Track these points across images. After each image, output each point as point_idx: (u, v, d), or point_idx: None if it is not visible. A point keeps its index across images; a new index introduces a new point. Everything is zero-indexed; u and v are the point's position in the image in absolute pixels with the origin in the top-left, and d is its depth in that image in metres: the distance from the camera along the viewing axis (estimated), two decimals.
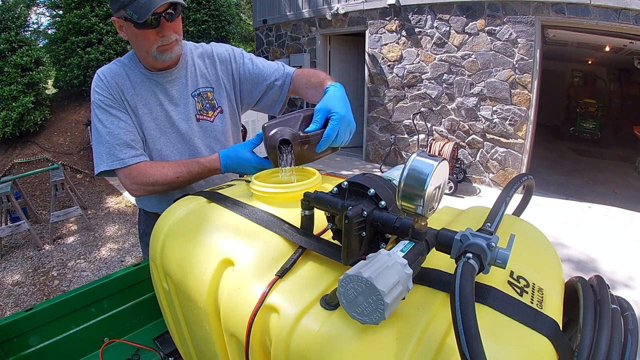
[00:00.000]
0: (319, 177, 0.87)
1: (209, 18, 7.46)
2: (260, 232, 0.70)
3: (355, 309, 0.42)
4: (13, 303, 2.83)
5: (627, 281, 2.86)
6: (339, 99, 0.97)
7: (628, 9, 3.64)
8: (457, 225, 0.71)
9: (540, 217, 3.97)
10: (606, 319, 0.49)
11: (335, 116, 0.93)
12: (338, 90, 1.02)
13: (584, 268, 3.10)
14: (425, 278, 0.55)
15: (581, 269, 3.09)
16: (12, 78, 5.45)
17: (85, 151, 6.10)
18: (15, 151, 5.76)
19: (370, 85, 5.92)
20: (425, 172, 0.49)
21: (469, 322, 0.38)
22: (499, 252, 0.47)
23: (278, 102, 1.30)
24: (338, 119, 0.93)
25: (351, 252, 0.53)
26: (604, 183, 5.21)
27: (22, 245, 3.75)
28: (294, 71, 1.28)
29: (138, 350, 1.12)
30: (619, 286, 2.78)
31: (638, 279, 2.87)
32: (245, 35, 11.13)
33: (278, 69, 1.27)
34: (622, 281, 2.86)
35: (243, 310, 0.58)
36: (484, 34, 4.58)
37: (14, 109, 5.43)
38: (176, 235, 0.78)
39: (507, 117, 4.61)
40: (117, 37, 6.54)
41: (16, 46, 5.63)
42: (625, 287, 2.76)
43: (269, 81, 1.26)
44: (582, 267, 3.12)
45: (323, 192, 0.61)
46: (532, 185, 0.78)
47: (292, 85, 1.27)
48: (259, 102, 1.31)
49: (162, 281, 0.82)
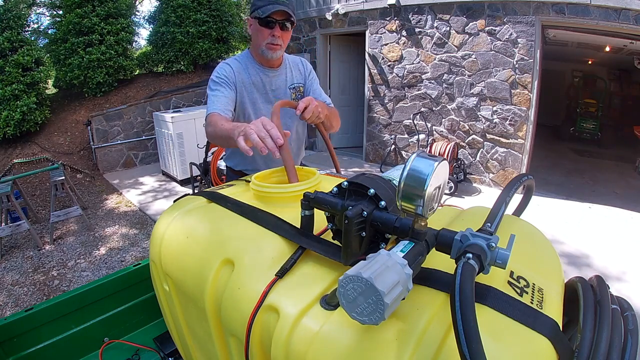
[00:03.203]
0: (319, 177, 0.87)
1: (209, 18, 7.46)
2: (260, 232, 0.70)
3: (355, 309, 0.42)
4: (13, 303, 2.83)
5: (627, 281, 2.86)
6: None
7: (628, 9, 3.64)
8: (457, 225, 0.71)
9: (540, 217, 3.97)
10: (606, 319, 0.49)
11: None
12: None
13: (584, 268, 3.10)
14: (425, 278, 0.55)
15: (581, 269, 3.09)
16: (13, 78, 5.44)
17: (85, 151, 6.10)
18: (16, 151, 5.76)
19: (370, 85, 5.92)
20: (425, 172, 0.49)
21: (469, 322, 0.38)
22: (499, 253, 0.47)
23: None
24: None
25: (351, 252, 0.53)
26: (604, 183, 5.20)
27: (22, 245, 3.75)
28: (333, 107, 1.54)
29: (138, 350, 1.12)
30: (619, 286, 2.78)
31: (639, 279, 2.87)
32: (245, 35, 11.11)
33: (325, 101, 1.53)
34: (623, 281, 2.86)
35: (243, 310, 0.58)
36: (484, 34, 4.58)
37: (16, 109, 5.43)
38: (176, 235, 0.78)
39: (507, 117, 4.61)
40: (119, 37, 6.54)
41: (17, 46, 5.63)
42: (626, 287, 2.76)
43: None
44: (582, 267, 3.12)
45: (323, 192, 0.61)
46: (532, 186, 0.78)
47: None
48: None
49: (162, 281, 0.82)
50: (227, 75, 1.40)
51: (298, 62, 1.60)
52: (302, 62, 1.62)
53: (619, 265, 3.09)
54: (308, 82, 1.60)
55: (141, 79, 7.48)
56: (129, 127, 6.11)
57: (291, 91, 1.54)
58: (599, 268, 3.09)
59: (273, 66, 1.48)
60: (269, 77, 1.47)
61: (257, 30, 1.37)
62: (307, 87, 1.59)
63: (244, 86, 1.44)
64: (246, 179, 0.98)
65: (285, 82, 1.52)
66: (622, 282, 2.85)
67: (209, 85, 1.42)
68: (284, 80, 1.52)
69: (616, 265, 3.11)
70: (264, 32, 1.35)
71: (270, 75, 1.48)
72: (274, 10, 1.29)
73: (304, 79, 1.59)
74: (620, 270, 3.03)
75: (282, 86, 1.51)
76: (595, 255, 3.27)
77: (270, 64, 1.46)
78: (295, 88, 1.55)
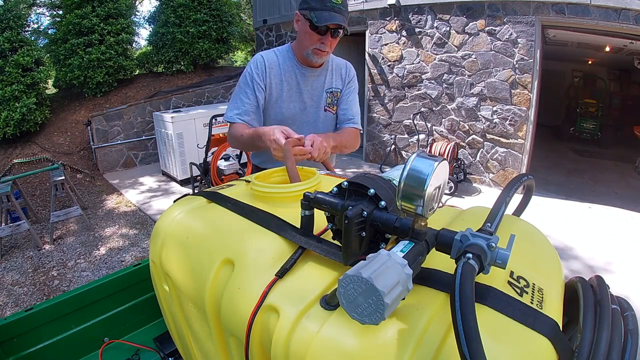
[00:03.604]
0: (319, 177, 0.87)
1: (209, 18, 7.46)
2: (260, 232, 0.70)
3: (355, 310, 0.42)
4: (13, 303, 2.83)
5: (627, 281, 2.86)
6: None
7: (628, 9, 3.64)
8: (457, 225, 0.71)
9: (540, 217, 3.97)
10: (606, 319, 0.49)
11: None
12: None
13: (584, 268, 3.10)
14: (425, 278, 0.55)
15: (581, 269, 3.09)
16: (13, 78, 5.44)
17: (85, 151, 6.10)
18: (16, 151, 5.76)
19: (370, 85, 5.92)
20: (425, 172, 0.49)
21: (469, 322, 0.38)
22: (499, 253, 0.47)
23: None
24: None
25: (351, 252, 0.53)
26: (604, 183, 5.20)
27: (22, 245, 3.75)
28: (352, 128, 1.51)
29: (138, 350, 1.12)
30: (619, 286, 2.78)
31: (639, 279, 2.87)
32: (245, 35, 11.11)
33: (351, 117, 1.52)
34: (623, 281, 2.86)
35: (243, 310, 0.58)
36: (484, 34, 4.58)
37: (17, 109, 5.42)
38: (176, 235, 0.78)
39: (507, 117, 4.61)
40: (119, 38, 6.54)
41: (17, 46, 5.63)
42: (626, 287, 2.76)
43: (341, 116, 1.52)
44: (582, 267, 3.12)
45: (323, 193, 0.61)
46: (532, 186, 0.77)
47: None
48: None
49: (162, 281, 0.82)
50: (258, 72, 1.38)
51: (342, 67, 1.54)
52: (347, 67, 1.55)
53: (619, 265, 3.09)
54: (346, 89, 1.53)
55: (141, 79, 7.48)
56: (129, 127, 6.11)
57: (327, 95, 1.49)
58: (599, 268, 3.09)
59: (314, 66, 1.43)
60: (305, 77, 1.43)
61: (307, 32, 1.31)
62: (343, 94, 1.53)
63: (273, 83, 1.41)
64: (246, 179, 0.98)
65: (324, 84, 1.48)
66: (622, 282, 2.85)
67: (240, 78, 1.42)
68: (322, 83, 1.47)
69: (616, 265, 3.11)
70: (313, 36, 1.30)
71: (307, 74, 1.43)
72: (332, 22, 1.24)
73: (344, 85, 1.53)
74: (621, 270, 3.03)
75: (318, 88, 1.47)
76: (595, 255, 3.27)
77: (312, 64, 1.42)
78: (332, 92, 1.50)
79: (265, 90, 1.40)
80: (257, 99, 1.39)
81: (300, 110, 1.47)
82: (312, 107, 1.48)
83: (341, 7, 1.25)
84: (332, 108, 1.51)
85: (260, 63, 1.39)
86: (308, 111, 1.48)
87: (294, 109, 1.45)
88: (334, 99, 1.51)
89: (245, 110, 1.38)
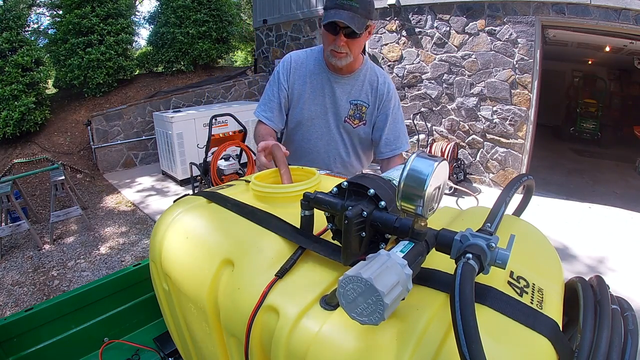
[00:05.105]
0: (319, 177, 0.87)
1: (209, 18, 7.46)
2: (260, 232, 0.69)
3: (354, 310, 0.42)
4: (13, 303, 2.83)
5: (627, 281, 2.86)
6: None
7: (628, 9, 3.64)
8: (457, 225, 0.71)
9: (540, 217, 3.97)
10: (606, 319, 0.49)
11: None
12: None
13: (584, 268, 3.10)
14: (425, 278, 0.55)
15: (581, 269, 3.09)
16: (13, 78, 5.44)
17: (85, 151, 6.10)
18: (16, 151, 5.76)
19: None
20: (425, 172, 0.49)
21: (468, 322, 0.38)
22: (498, 253, 0.47)
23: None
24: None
25: (351, 252, 0.53)
26: (604, 183, 5.20)
27: (22, 245, 3.75)
28: (397, 155, 1.43)
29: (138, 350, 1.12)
30: (619, 286, 2.77)
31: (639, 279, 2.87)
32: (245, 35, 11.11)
33: (395, 143, 1.42)
34: (623, 281, 2.86)
35: (243, 310, 0.58)
36: (484, 34, 4.58)
37: (16, 108, 5.43)
38: (176, 235, 0.78)
39: (507, 117, 4.61)
40: (119, 38, 6.54)
41: (17, 46, 5.63)
42: (626, 287, 2.76)
43: (379, 141, 1.43)
44: (582, 267, 3.12)
45: (323, 193, 0.60)
46: (532, 186, 0.77)
47: (381, 163, 1.48)
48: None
49: (162, 281, 0.82)
50: (284, 72, 1.38)
51: (375, 79, 1.39)
52: (382, 81, 1.39)
53: (619, 265, 3.09)
54: (382, 107, 1.39)
55: (141, 79, 7.48)
56: (129, 127, 6.11)
57: (351, 106, 1.39)
58: (599, 268, 3.09)
59: (340, 72, 1.35)
60: (330, 82, 1.37)
61: (323, 33, 1.27)
62: (380, 114, 1.40)
63: (296, 83, 1.39)
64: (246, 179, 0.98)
65: (349, 94, 1.38)
66: (622, 282, 2.85)
67: (273, 73, 1.43)
68: (347, 92, 1.38)
69: (616, 265, 3.11)
70: (328, 37, 1.25)
71: (333, 80, 1.37)
72: (333, 20, 1.16)
73: (375, 100, 1.39)
74: (620, 270, 3.03)
75: (342, 97, 1.38)
76: (595, 255, 3.27)
77: (336, 69, 1.34)
78: (357, 105, 1.39)
79: (287, 89, 1.40)
80: (279, 98, 1.40)
81: (319, 115, 1.42)
82: (332, 115, 1.42)
83: (351, 4, 1.15)
84: (353, 121, 1.41)
85: (286, 62, 1.39)
86: (328, 117, 1.42)
87: (314, 112, 1.41)
88: (357, 112, 1.40)
89: (270, 107, 1.41)
